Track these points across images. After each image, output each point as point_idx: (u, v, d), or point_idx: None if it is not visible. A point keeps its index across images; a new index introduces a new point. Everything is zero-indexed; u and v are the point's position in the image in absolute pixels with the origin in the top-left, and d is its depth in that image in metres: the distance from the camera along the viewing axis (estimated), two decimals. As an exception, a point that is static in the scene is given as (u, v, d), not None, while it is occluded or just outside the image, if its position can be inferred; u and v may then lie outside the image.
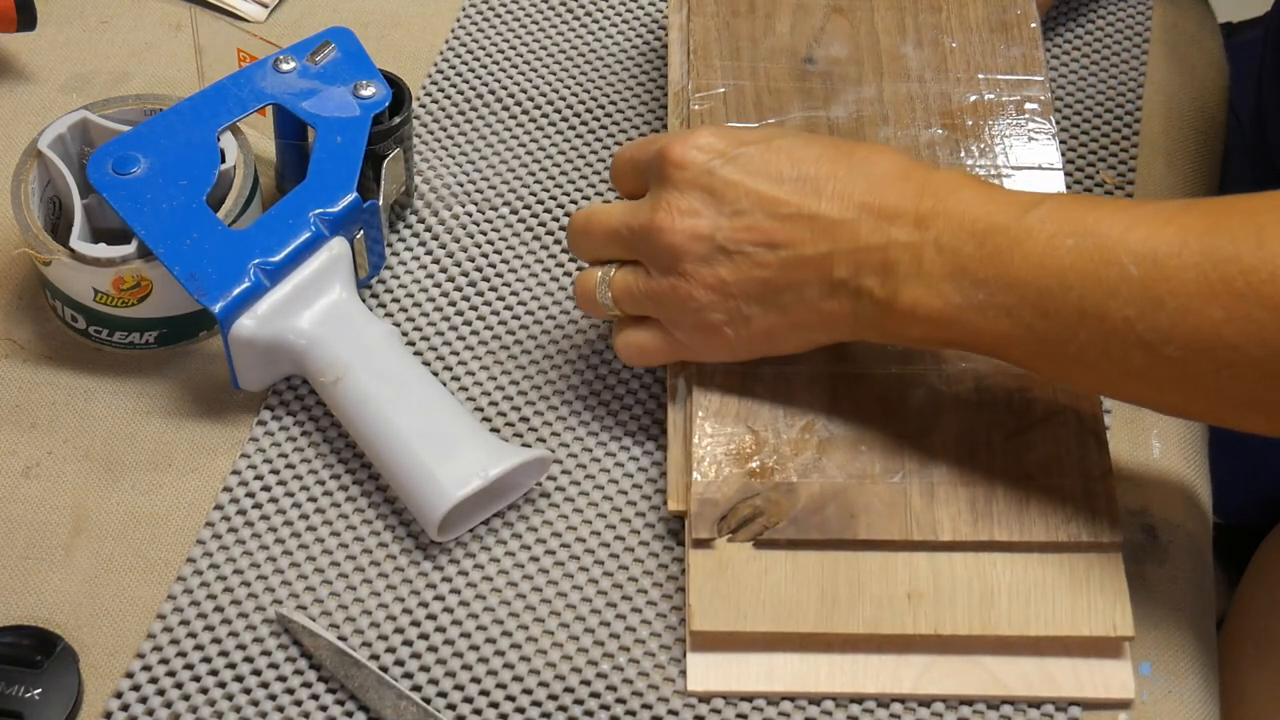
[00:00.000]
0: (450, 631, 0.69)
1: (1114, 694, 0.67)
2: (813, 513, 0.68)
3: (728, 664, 0.67)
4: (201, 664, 0.68)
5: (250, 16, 0.92)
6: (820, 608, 0.66)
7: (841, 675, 0.67)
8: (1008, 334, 0.63)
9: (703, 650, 0.68)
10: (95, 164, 0.75)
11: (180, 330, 0.77)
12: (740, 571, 0.67)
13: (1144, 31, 0.93)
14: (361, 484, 0.74)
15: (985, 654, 0.67)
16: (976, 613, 0.66)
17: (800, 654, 0.67)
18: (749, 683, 0.67)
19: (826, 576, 0.67)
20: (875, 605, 0.66)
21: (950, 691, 0.67)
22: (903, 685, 0.67)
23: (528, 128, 0.88)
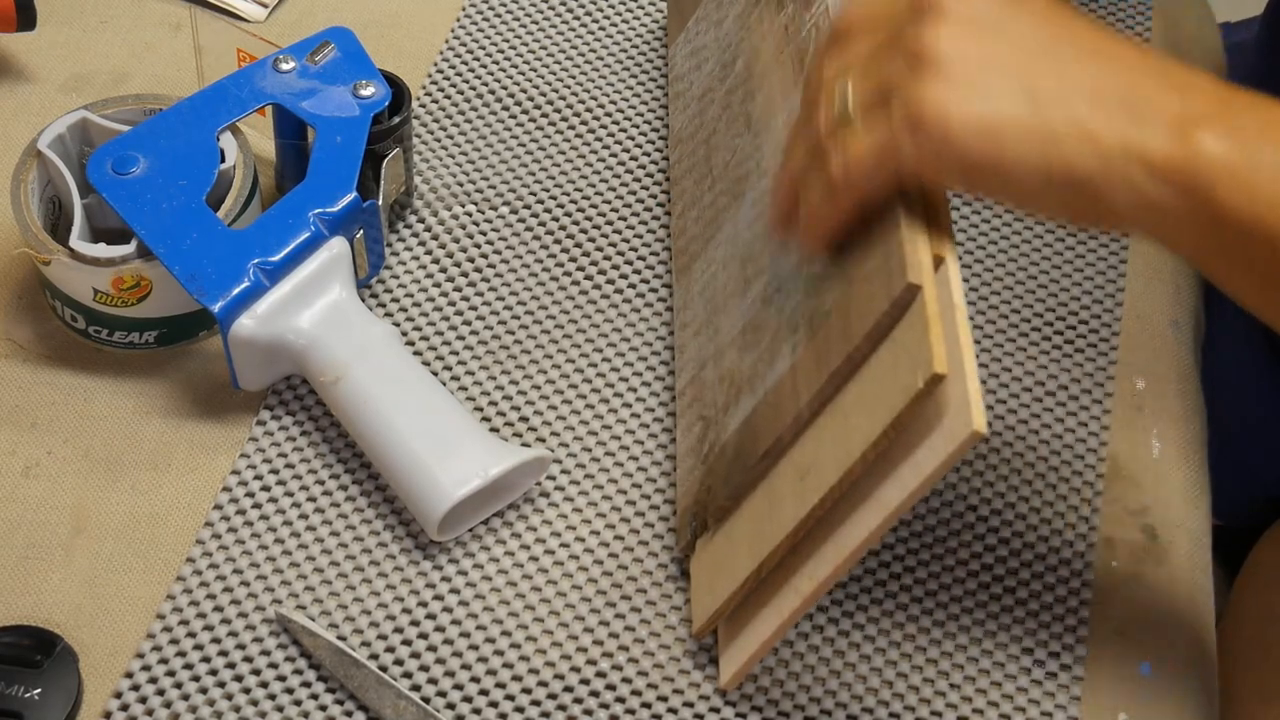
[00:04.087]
0: (450, 631, 0.69)
1: (961, 433, 0.58)
2: (736, 459, 0.68)
3: (740, 643, 0.67)
4: (201, 664, 0.68)
5: (250, 16, 0.92)
6: (755, 539, 0.65)
7: (796, 590, 0.64)
8: None
9: (728, 645, 0.68)
10: (95, 164, 0.75)
11: (180, 330, 0.77)
12: (715, 557, 0.68)
13: (1144, 31, 0.93)
14: (361, 484, 0.74)
15: (874, 489, 0.62)
16: (839, 451, 0.62)
17: (772, 594, 0.65)
18: (750, 647, 0.66)
19: (759, 507, 0.66)
20: (782, 507, 0.64)
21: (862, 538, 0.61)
22: (828, 565, 0.63)
23: (528, 128, 0.88)
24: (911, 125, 0.57)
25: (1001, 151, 0.57)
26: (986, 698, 0.68)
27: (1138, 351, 0.80)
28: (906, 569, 0.72)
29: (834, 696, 0.68)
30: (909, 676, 0.69)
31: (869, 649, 0.70)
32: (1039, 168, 0.57)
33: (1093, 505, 0.74)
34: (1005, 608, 0.71)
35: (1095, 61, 0.58)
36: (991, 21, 0.59)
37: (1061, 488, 0.75)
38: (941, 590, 0.71)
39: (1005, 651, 0.70)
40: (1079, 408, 0.77)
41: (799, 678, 0.69)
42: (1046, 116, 0.57)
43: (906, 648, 0.70)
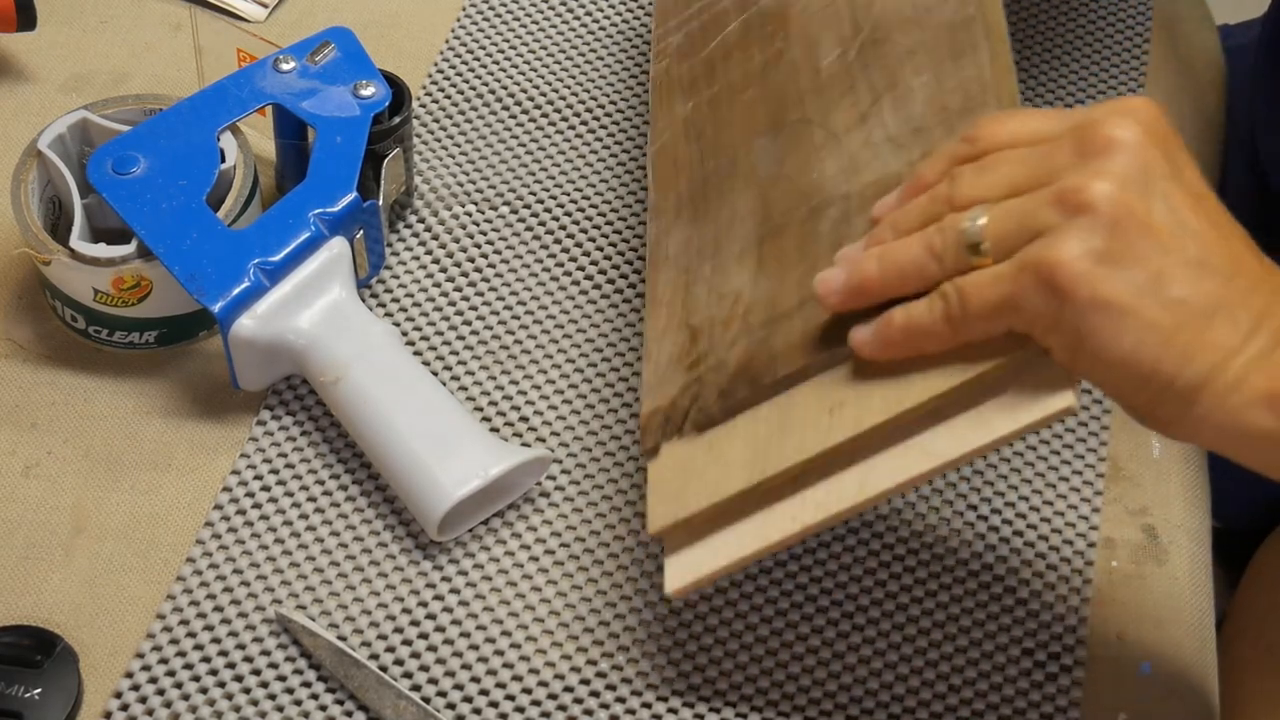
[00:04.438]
0: (450, 631, 0.69)
1: (1053, 409, 0.58)
2: (739, 376, 0.66)
3: (695, 554, 0.65)
4: (201, 664, 0.68)
5: (250, 16, 0.92)
6: (754, 460, 0.64)
7: (793, 517, 0.63)
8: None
9: (675, 553, 0.66)
10: (95, 164, 0.75)
11: (180, 330, 0.77)
12: (688, 463, 0.66)
13: (1144, 31, 0.93)
14: (361, 484, 0.74)
15: (919, 434, 0.61)
16: (892, 394, 0.61)
17: (754, 515, 0.64)
18: (718, 561, 0.64)
19: (760, 428, 0.64)
20: (800, 434, 0.63)
21: (891, 484, 0.61)
22: (846, 499, 0.62)
23: (528, 128, 0.88)
24: (1049, 288, 0.56)
25: (1120, 338, 0.56)
26: (986, 699, 0.68)
27: (1138, 352, 0.80)
28: (906, 569, 0.72)
29: (833, 698, 0.68)
30: (908, 679, 0.69)
31: (868, 650, 0.70)
32: (1144, 364, 0.56)
33: (1093, 505, 0.74)
34: (1005, 608, 0.71)
35: (1226, 269, 0.57)
36: (1154, 191, 0.57)
37: (1061, 488, 0.75)
38: (941, 590, 0.71)
39: (1005, 652, 0.70)
40: (1079, 407, 0.77)
41: (798, 679, 0.69)
42: (1173, 319, 0.56)
43: (906, 649, 0.70)
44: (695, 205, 0.74)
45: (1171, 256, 0.56)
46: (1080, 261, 0.56)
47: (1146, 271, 0.56)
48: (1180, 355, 0.56)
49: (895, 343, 0.61)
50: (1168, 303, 0.56)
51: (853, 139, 0.69)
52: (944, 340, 0.60)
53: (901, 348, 0.61)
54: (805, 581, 0.72)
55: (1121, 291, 0.56)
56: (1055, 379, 0.59)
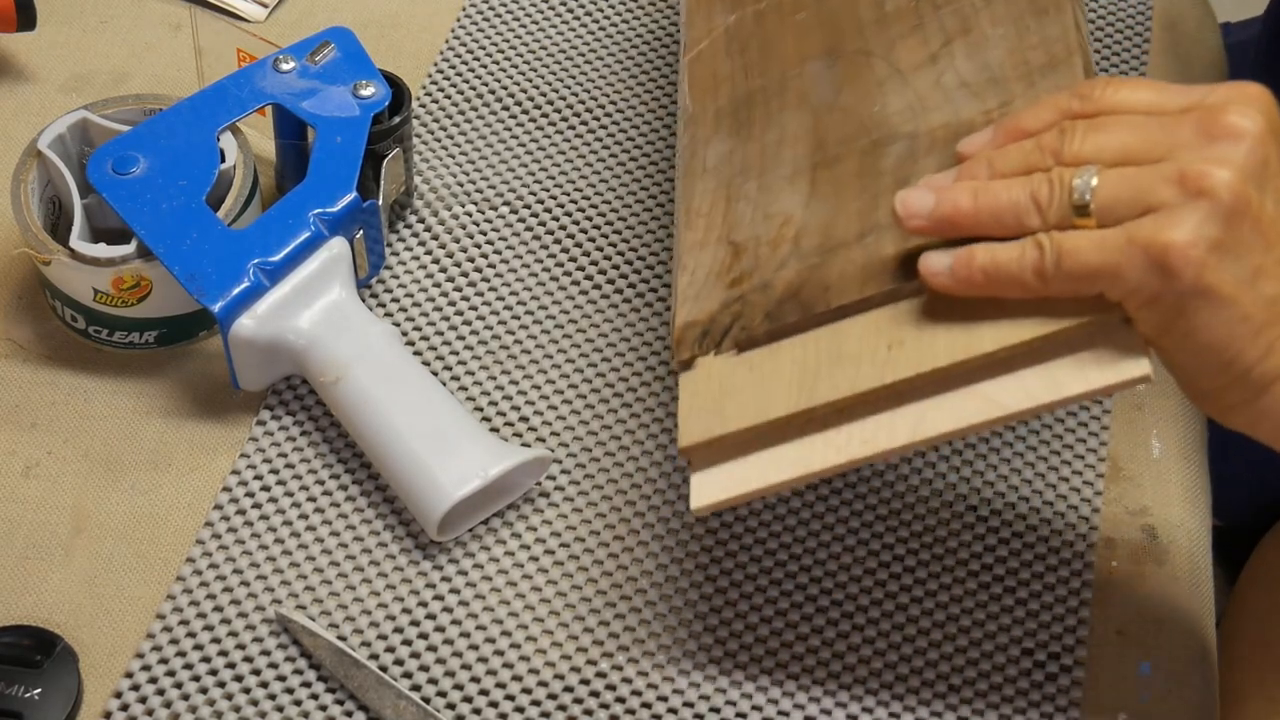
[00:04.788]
0: (450, 631, 0.69)
1: (1128, 375, 0.58)
2: (787, 300, 0.64)
3: (725, 474, 0.63)
4: (201, 664, 0.68)
5: (250, 16, 0.92)
6: (801, 386, 0.62)
7: (834, 449, 0.62)
8: None
9: (702, 469, 0.64)
10: (95, 164, 0.75)
11: (180, 330, 0.77)
12: (726, 380, 0.64)
13: (1144, 31, 0.93)
14: (361, 484, 0.74)
15: (981, 382, 0.60)
16: (959, 340, 0.60)
17: (795, 441, 0.62)
18: (748, 484, 0.63)
19: (808, 355, 0.63)
20: (854, 367, 0.62)
21: (949, 428, 0.60)
22: (898, 438, 0.61)
23: (528, 128, 0.88)
24: (1158, 267, 0.56)
25: (1214, 326, 0.57)
26: (986, 699, 0.68)
27: (1138, 351, 0.80)
28: (906, 569, 0.72)
29: (834, 697, 0.68)
30: (908, 679, 0.69)
31: (868, 651, 0.70)
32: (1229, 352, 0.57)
33: (1093, 505, 0.74)
34: (1005, 608, 0.71)
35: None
36: (1269, 186, 0.57)
37: (1061, 488, 0.75)
38: (941, 590, 0.71)
39: (1005, 652, 0.70)
40: (1079, 407, 0.77)
41: (798, 678, 0.69)
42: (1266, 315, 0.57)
43: (906, 649, 0.70)
44: (737, 120, 0.72)
45: (1273, 254, 0.57)
46: (1195, 248, 0.56)
47: (1250, 265, 0.56)
48: (1265, 348, 0.57)
49: (973, 282, 0.59)
50: (1264, 299, 0.57)
51: (920, 79, 0.68)
52: (1027, 291, 0.59)
53: (978, 288, 0.60)
54: (805, 581, 0.72)
55: (1226, 281, 0.56)
56: (1130, 345, 0.59)
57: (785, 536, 0.73)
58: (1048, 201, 0.58)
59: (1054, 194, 0.58)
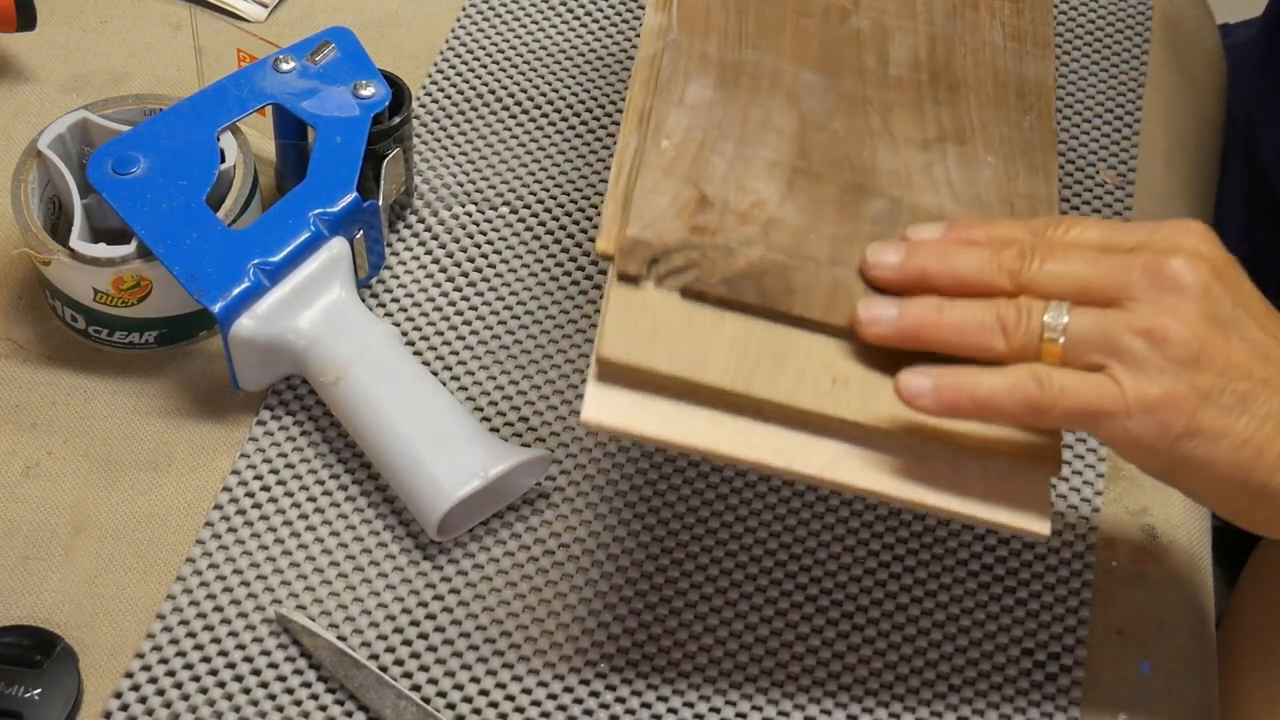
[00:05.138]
0: (450, 631, 0.69)
1: (1029, 526, 0.62)
2: (749, 278, 0.64)
3: (629, 402, 0.62)
4: (201, 664, 0.68)
5: (250, 16, 0.92)
6: (740, 368, 0.62)
7: (748, 442, 0.62)
8: None
9: (607, 383, 0.62)
10: (95, 164, 0.75)
11: (180, 330, 0.77)
12: (662, 316, 0.63)
13: (1144, 31, 0.93)
14: (361, 484, 0.74)
15: (902, 457, 0.63)
16: (901, 410, 0.62)
17: (710, 411, 0.62)
18: (648, 426, 0.62)
19: (752, 341, 0.63)
20: (797, 379, 0.62)
21: (857, 483, 0.62)
22: (810, 466, 0.62)
23: (528, 128, 0.88)
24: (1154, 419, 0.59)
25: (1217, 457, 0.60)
26: (986, 699, 0.68)
27: (1138, 352, 0.80)
28: (906, 569, 0.72)
29: (834, 697, 0.68)
30: (908, 679, 0.69)
31: (868, 651, 0.70)
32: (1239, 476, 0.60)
33: (1093, 505, 0.74)
34: (1005, 608, 0.71)
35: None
36: (1229, 328, 0.60)
37: (1061, 488, 0.75)
38: (941, 590, 0.71)
39: (1005, 652, 0.70)
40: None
41: (798, 679, 0.69)
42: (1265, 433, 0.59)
43: (906, 649, 0.70)
44: (723, 76, 0.71)
45: (1255, 379, 0.60)
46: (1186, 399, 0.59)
47: (1236, 396, 0.59)
48: (1274, 462, 0.60)
49: (959, 408, 0.61)
50: (1258, 418, 0.59)
51: (912, 155, 0.70)
52: (1016, 422, 0.61)
53: (963, 414, 0.61)
54: (805, 581, 0.72)
55: (1216, 418, 0.59)
56: (1043, 500, 0.63)
57: (785, 536, 0.73)
58: (1014, 328, 0.60)
59: (1021, 322, 0.60)
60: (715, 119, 0.69)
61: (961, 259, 0.63)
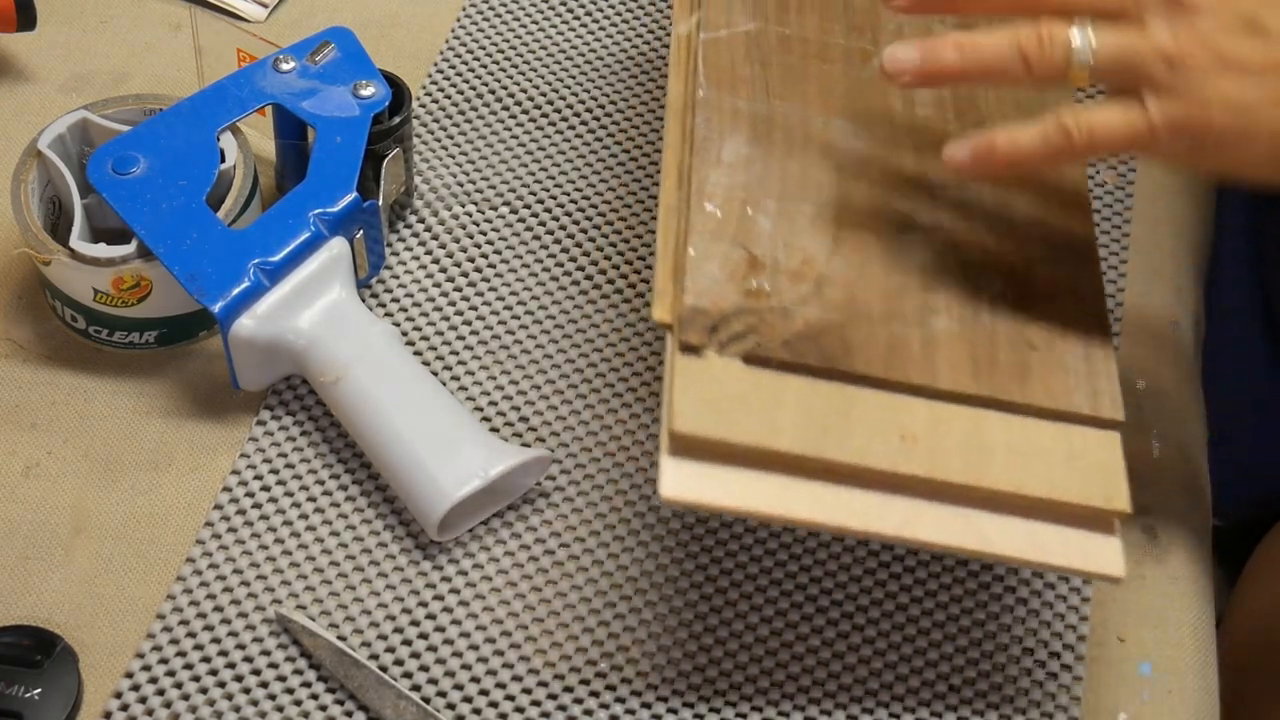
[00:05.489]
0: (450, 631, 0.69)
1: (1103, 568, 0.63)
2: (808, 339, 0.65)
3: (705, 475, 0.62)
4: (201, 664, 0.68)
5: (250, 16, 0.92)
6: (809, 431, 0.63)
7: (824, 506, 0.63)
8: None
9: (680, 457, 0.62)
10: (95, 164, 0.75)
11: (180, 330, 0.77)
12: (728, 385, 0.64)
13: (1144, 31, 0.93)
14: (361, 484, 0.74)
15: (975, 508, 0.63)
16: (971, 463, 0.63)
17: (783, 477, 0.63)
18: (726, 497, 0.62)
19: (818, 403, 0.64)
20: (866, 439, 0.63)
21: (935, 540, 0.63)
22: (887, 526, 0.63)
23: (528, 128, 0.88)
24: (1188, 139, 0.60)
25: (1252, 129, 0.60)
26: (986, 699, 0.68)
27: (1138, 351, 0.80)
28: (906, 569, 0.72)
29: (834, 697, 0.68)
30: (908, 679, 0.69)
31: (868, 650, 0.70)
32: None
33: (1093, 505, 0.74)
34: (1005, 607, 0.71)
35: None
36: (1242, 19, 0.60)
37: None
38: (941, 590, 0.71)
39: (1005, 652, 0.70)
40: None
41: (798, 679, 0.69)
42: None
43: (906, 649, 0.70)
44: (756, 131, 0.72)
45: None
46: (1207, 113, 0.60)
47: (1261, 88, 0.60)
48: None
49: (996, 167, 0.63)
50: None
51: (949, 196, 0.71)
52: (1050, 164, 0.64)
53: (1002, 171, 0.64)
54: (805, 581, 0.72)
55: (1240, 117, 0.60)
56: (1117, 545, 0.64)
57: (785, 536, 0.73)
58: (1038, 57, 0.61)
59: (1044, 49, 0.61)
60: (755, 177, 0.70)
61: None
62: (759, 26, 0.76)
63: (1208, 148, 0.60)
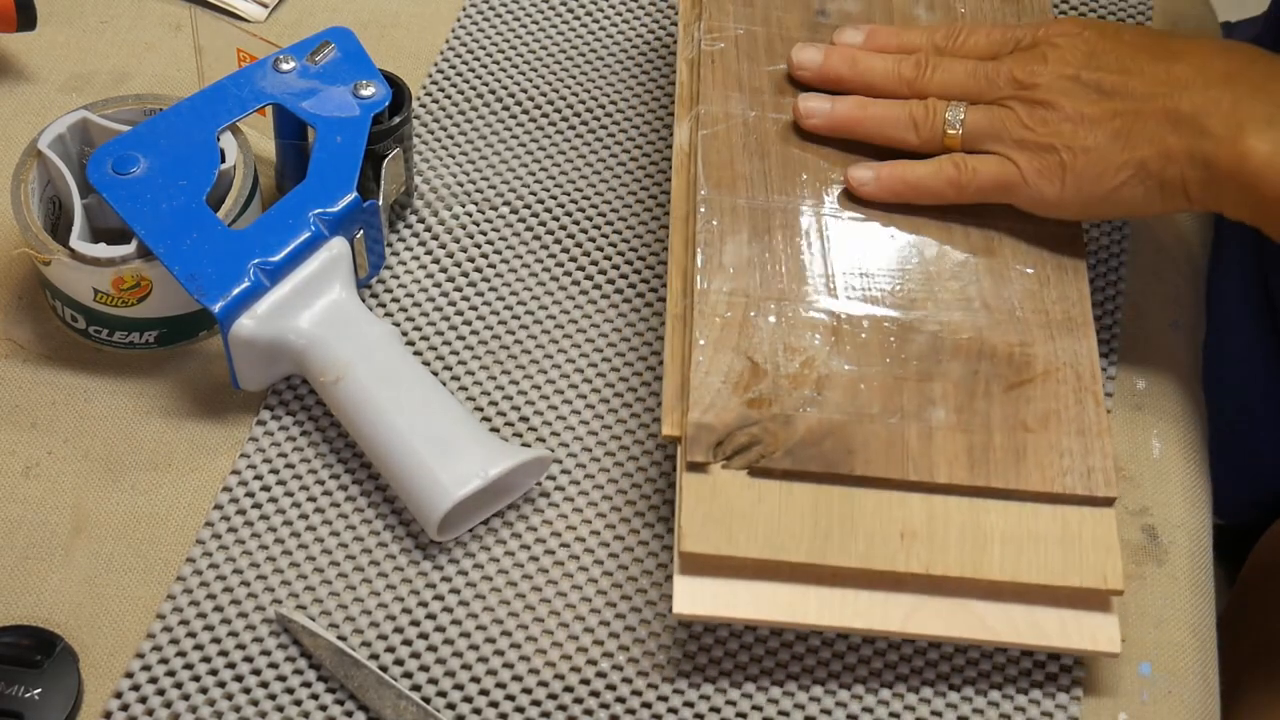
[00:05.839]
0: (450, 631, 0.69)
1: (1101, 647, 0.67)
2: (810, 445, 0.68)
3: (715, 590, 0.66)
4: (201, 664, 0.68)
5: (250, 16, 0.92)
6: (813, 539, 0.66)
7: (830, 609, 0.66)
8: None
9: (691, 574, 0.67)
10: (95, 164, 0.75)
11: (180, 330, 0.77)
12: (734, 499, 0.67)
13: (1144, 31, 0.93)
14: (361, 484, 0.74)
15: (974, 598, 0.67)
16: (969, 556, 0.66)
17: (790, 585, 0.66)
18: (736, 609, 0.66)
19: (821, 509, 0.67)
20: (868, 541, 0.66)
21: (937, 632, 0.67)
22: (891, 623, 0.66)
23: (528, 128, 0.88)
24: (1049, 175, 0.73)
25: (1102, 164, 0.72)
26: (986, 698, 0.68)
27: (1138, 351, 0.80)
28: (906, 569, 0.72)
29: (834, 696, 0.68)
30: (909, 678, 0.69)
31: (868, 650, 0.70)
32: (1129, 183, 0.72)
33: (1093, 505, 0.74)
34: (1005, 608, 0.71)
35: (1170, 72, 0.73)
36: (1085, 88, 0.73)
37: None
38: (941, 590, 0.71)
39: (1005, 652, 0.70)
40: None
41: (798, 678, 0.69)
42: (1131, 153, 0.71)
43: (906, 649, 0.70)
44: (755, 229, 0.75)
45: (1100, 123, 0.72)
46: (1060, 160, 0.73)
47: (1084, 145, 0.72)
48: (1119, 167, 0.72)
49: (895, 191, 0.75)
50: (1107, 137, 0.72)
51: (945, 280, 0.74)
52: (941, 198, 0.75)
53: (899, 196, 0.75)
54: (805, 581, 0.72)
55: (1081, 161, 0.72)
56: (1111, 622, 0.67)
57: (785, 536, 0.73)
58: (923, 122, 0.75)
59: (928, 118, 0.75)
60: (755, 279, 0.73)
61: (870, 66, 0.77)
62: (756, 114, 0.78)
63: (1070, 185, 0.72)
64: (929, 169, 0.74)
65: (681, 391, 0.70)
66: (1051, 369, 0.71)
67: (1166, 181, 0.71)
